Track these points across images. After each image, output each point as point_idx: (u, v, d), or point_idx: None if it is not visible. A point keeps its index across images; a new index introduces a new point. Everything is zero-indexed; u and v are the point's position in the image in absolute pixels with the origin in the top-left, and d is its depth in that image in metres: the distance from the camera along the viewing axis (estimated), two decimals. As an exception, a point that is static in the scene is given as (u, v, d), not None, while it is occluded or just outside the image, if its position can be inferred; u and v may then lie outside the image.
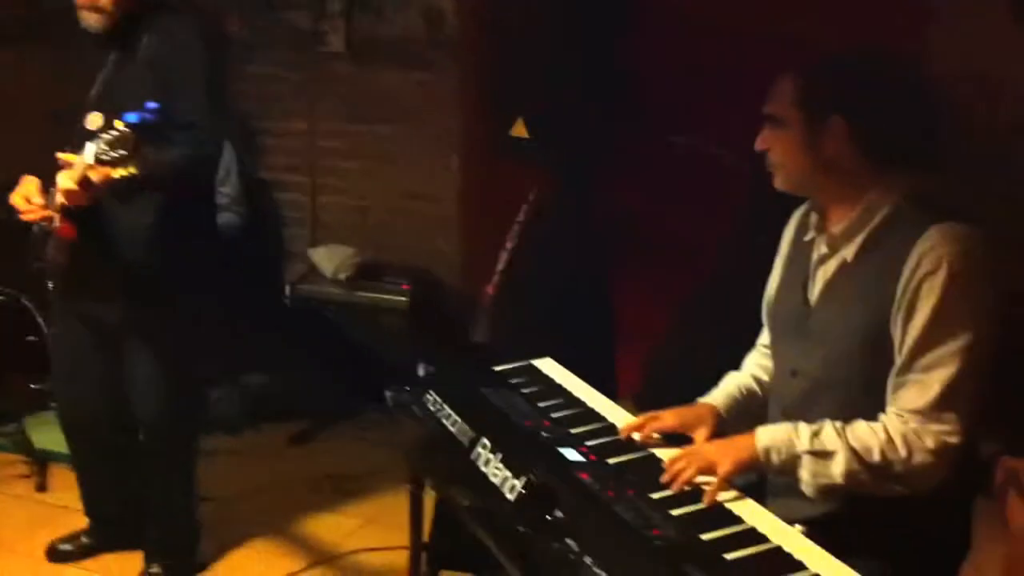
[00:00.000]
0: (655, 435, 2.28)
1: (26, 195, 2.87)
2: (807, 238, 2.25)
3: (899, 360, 2.04)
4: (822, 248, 2.19)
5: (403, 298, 4.68)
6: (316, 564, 3.50)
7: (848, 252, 2.12)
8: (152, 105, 2.48)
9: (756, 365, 2.48)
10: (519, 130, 3.55)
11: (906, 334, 2.02)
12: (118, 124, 2.48)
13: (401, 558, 2.83)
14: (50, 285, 3.15)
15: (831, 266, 2.16)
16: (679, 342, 3.81)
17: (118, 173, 2.49)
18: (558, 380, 2.64)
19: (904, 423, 2.01)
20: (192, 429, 3.40)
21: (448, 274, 4.99)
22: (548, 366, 2.74)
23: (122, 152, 2.47)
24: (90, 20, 2.91)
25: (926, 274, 1.99)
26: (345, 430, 4.53)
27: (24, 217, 2.90)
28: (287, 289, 5.02)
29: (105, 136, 2.50)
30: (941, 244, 1.99)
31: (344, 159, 5.21)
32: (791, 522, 1.94)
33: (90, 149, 2.54)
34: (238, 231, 4.88)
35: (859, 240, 2.11)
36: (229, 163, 4.89)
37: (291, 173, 5.32)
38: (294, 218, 5.34)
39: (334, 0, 5.06)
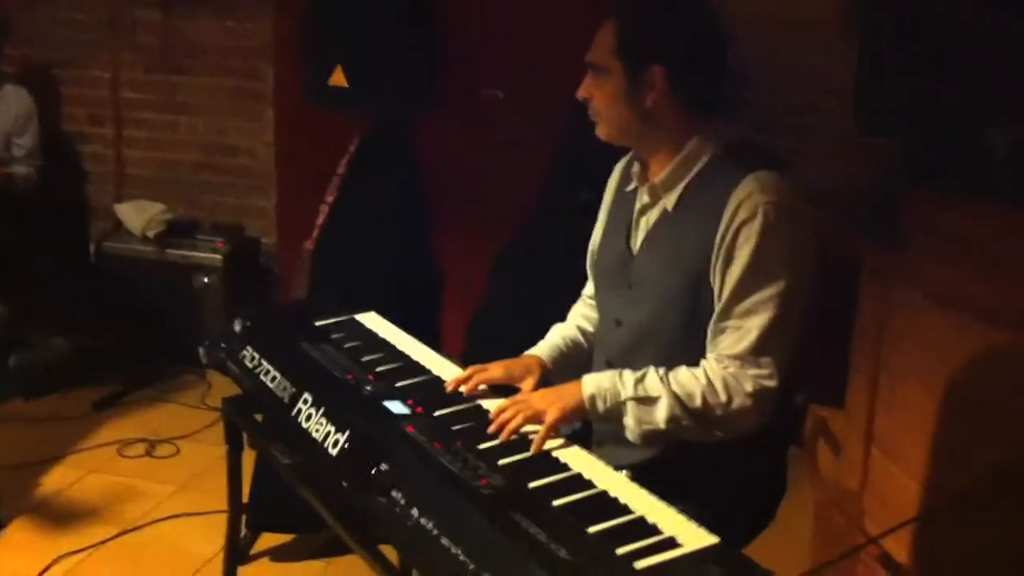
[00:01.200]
0: (482, 387, 2.25)
1: None
2: (629, 188, 2.26)
3: (718, 307, 2.07)
4: (644, 198, 2.20)
5: (217, 255, 4.53)
6: (126, 532, 3.35)
7: (668, 201, 2.14)
8: None
9: (581, 316, 2.49)
10: (337, 79, 3.43)
11: (724, 281, 2.05)
12: None
13: (220, 521, 2.72)
14: None
15: (652, 216, 2.18)
16: (499, 299, 3.81)
17: None
18: (381, 334, 2.58)
19: (724, 368, 2.05)
20: None
21: (264, 230, 4.85)
22: (371, 320, 2.68)
23: None
24: None
25: (742, 222, 2.02)
26: (156, 394, 4.35)
27: None
28: (92, 247, 4.79)
29: None
30: (757, 193, 2.03)
31: (152, 111, 5.00)
32: (617, 468, 1.95)
33: None
34: (34, 184, 4.62)
35: (679, 189, 2.13)
36: (26, 112, 4.61)
37: (94, 124, 5.06)
38: (98, 172, 5.08)
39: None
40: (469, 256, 3.88)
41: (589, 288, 2.48)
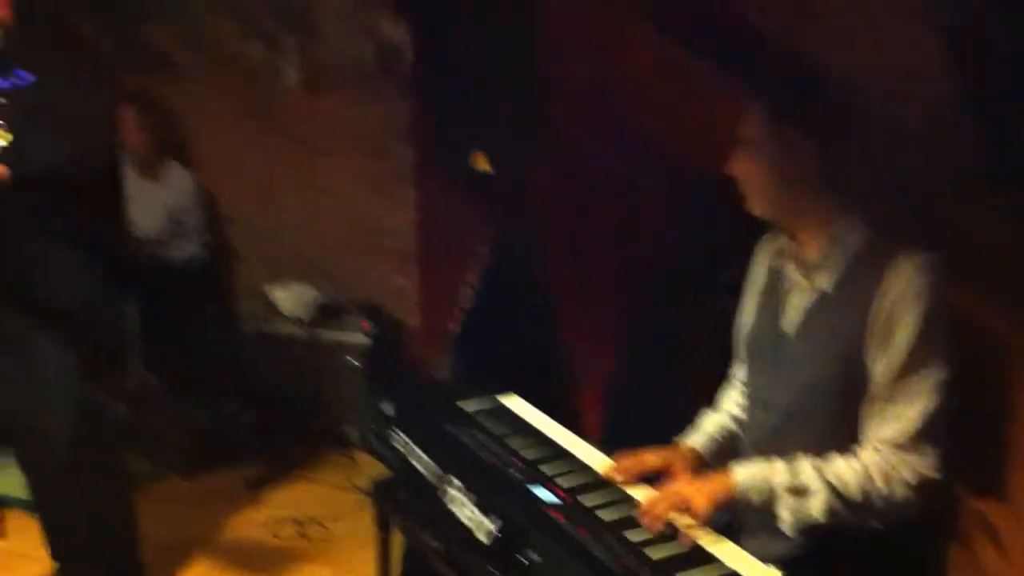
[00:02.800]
0: (633, 475, 2.23)
1: None
2: (777, 266, 2.23)
3: (875, 391, 2.01)
4: (794, 276, 2.16)
5: (362, 336, 4.62)
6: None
7: (821, 281, 2.10)
8: (24, 74, 2.41)
9: (733, 402, 2.44)
10: (479, 163, 3.50)
11: (882, 365, 1.99)
12: None
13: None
14: None
15: (806, 296, 2.14)
16: (633, 377, 3.77)
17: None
18: (526, 417, 2.59)
19: (882, 457, 1.99)
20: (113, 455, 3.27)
21: (407, 311, 4.93)
22: (515, 403, 2.69)
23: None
24: None
25: (901, 305, 1.97)
26: (305, 473, 4.42)
27: None
28: (244, 327, 4.95)
29: None
30: (915, 274, 1.97)
31: (301, 193, 5.16)
32: (766, 560, 1.90)
33: None
34: (200, 262, 4.83)
35: (831, 269, 2.09)
36: (193, 189, 4.86)
37: (246, 207, 5.25)
38: (250, 254, 5.27)
39: (288, 33, 5.02)
40: (603, 334, 3.86)
41: (737, 369, 2.43)
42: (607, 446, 2.37)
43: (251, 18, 5.06)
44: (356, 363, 4.59)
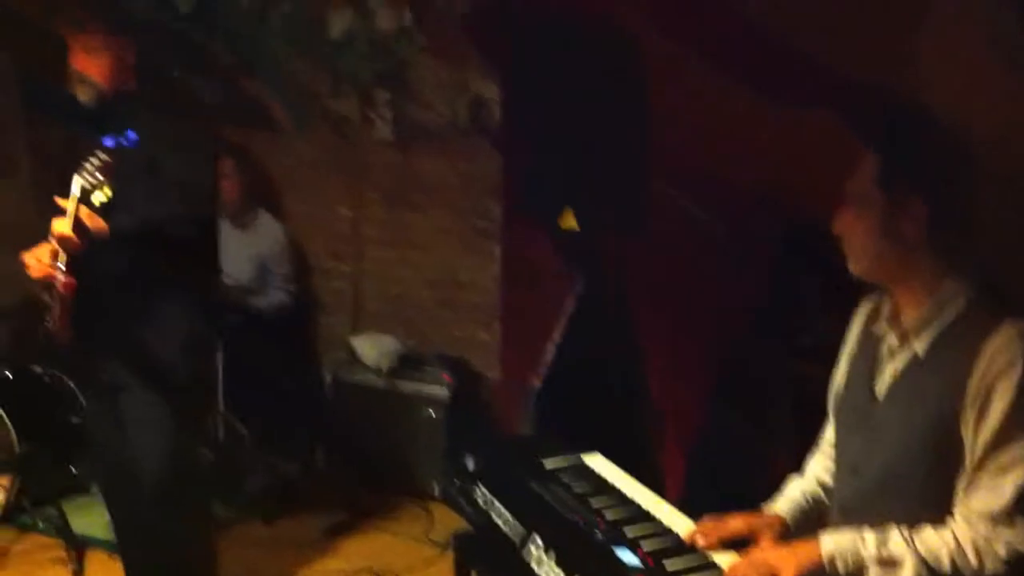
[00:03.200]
0: (717, 540, 2.21)
1: (37, 254, 2.89)
2: (873, 328, 2.19)
3: (969, 462, 1.96)
4: (890, 339, 2.12)
5: (443, 389, 4.64)
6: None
7: (919, 346, 2.05)
8: (132, 135, 2.49)
9: (822, 468, 2.39)
10: (567, 221, 3.53)
11: (978, 435, 1.95)
12: (99, 152, 2.50)
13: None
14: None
15: (900, 360, 2.10)
16: (718, 438, 3.74)
17: (98, 199, 2.50)
18: (609, 477, 2.58)
19: (975, 529, 1.94)
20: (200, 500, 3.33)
21: (488, 365, 4.96)
22: (598, 462, 2.68)
23: (102, 177, 2.48)
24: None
25: (1000, 373, 1.92)
26: (382, 523, 4.44)
27: (30, 272, 2.91)
28: (327, 376, 5.01)
29: (87, 165, 2.52)
30: (1016, 342, 1.93)
31: (387, 246, 5.24)
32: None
33: (76, 182, 2.56)
34: (288, 310, 4.92)
35: (931, 335, 2.04)
36: (282, 239, 4.96)
37: (335, 259, 5.35)
38: (336, 304, 5.35)
39: (381, 89, 5.14)
40: (689, 394, 3.84)
41: (829, 434, 2.39)
42: (691, 509, 2.35)
43: (346, 74, 5.19)
44: (436, 415, 4.61)
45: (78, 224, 2.62)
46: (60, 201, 2.67)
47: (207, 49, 5.33)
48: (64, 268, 2.77)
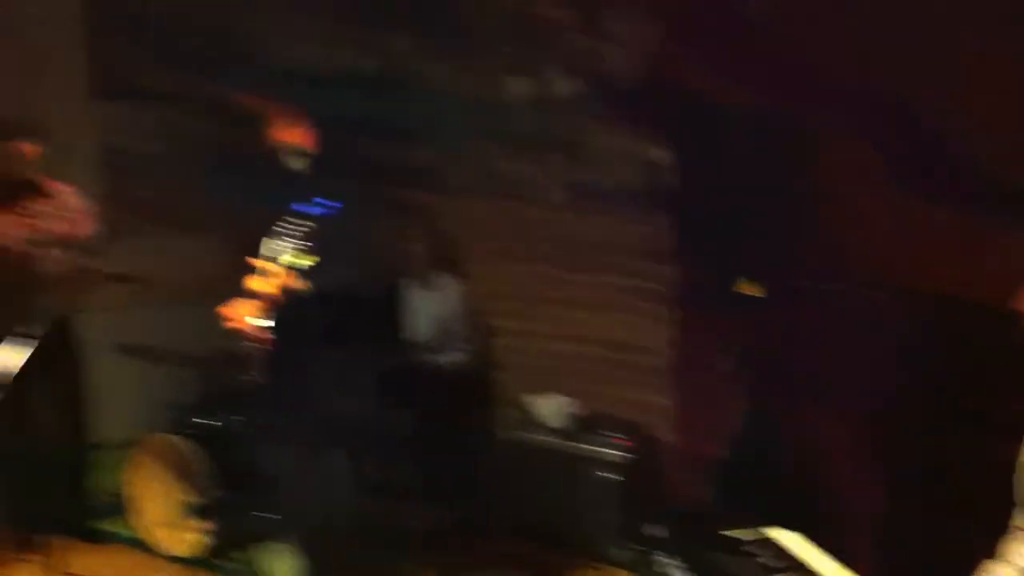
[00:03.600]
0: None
1: (236, 310, 3.07)
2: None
3: None
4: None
5: (617, 452, 4.64)
6: None
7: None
8: (334, 204, 2.60)
9: (1019, 555, 2.31)
10: (746, 288, 3.53)
11: None
12: (303, 219, 2.60)
13: None
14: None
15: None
16: (909, 520, 3.62)
17: (302, 262, 2.61)
18: (795, 551, 2.55)
19: None
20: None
21: (662, 429, 4.93)
22: (782, 536, 2.66)
23: (307, 243, 2.59)
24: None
25: None
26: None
27: (229, 326, 3.09)
28: (499, 434, 5.08)
29: (291, 229, 2.64)
30: None
31: (559, 307, 5.30)
32: None
33: (280, 245, 2.68)
34: (464, 370, 5.02)
35: None
36: (462, 301, 5.08)
37: (507, 318, 5.44)
38: (509, 363, 5.44)
39: (553, 152, 5.24)
40: (874, 471, 3.75)
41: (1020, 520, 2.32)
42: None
43: (520, 137, 5.32)
44: (608, 477, 4.62)
45: (281, 284, 2.77)
46: (257, 261, 2.82)
47: (384, 114, 5.56)
48: (260, 324, 2.94)
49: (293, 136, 3.21)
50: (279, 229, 2.72)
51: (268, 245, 2.75)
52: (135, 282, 4.58)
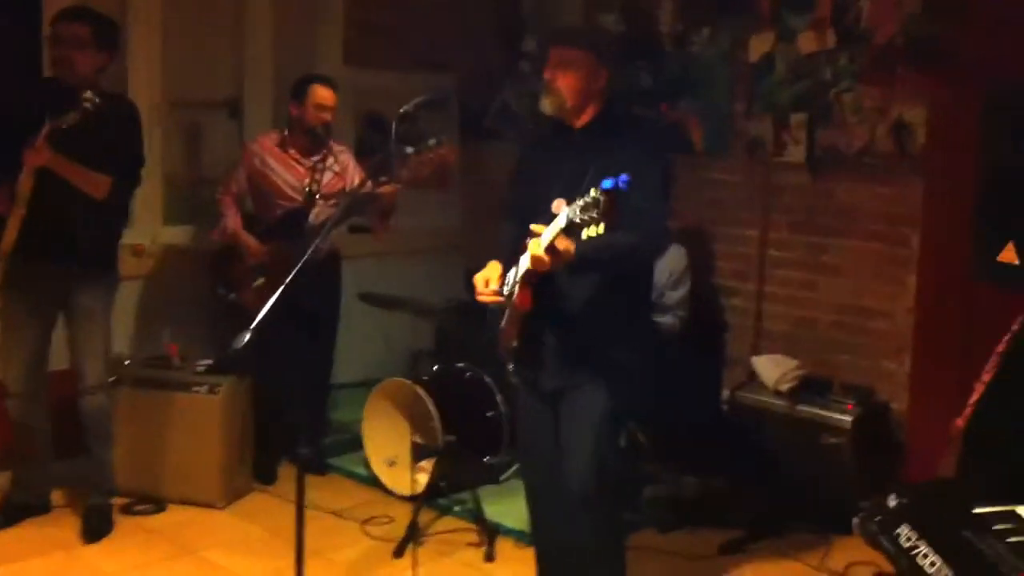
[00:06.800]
0: None
1: (487, 278, 3.12)
2: None
3: None
4: None
5: (847, 417, 4.54)
6: None
7: None
8: (625, 177, 2.58)
9: None
10: (1008, 255, 3.34)
11: None
12: (594, 191, 2.60)
13: None
14: (509, 367, 3.35)
15: None
16: None
17: (588, 233, 2.61)
18: (1051, 533, 2.43)
19: None
20: (617, 502, 3.43)
21: (895, 396, 4.79)
22: (1040, 515, 2.53)
23: (593, 214, 2.59)
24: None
25: None
26: (775, 546, 4.39)
27: (479, 297, 3.15)
28: (726, 395, 5.04)
29: (580, 202, 2.64)
30: None
31: (793, 269, 5.21)
32: None
33: (565, 213, 2.69)
34: (675, 335, 4.98)
35: None
36: (681, 268, 5.03)
37: (739, 279, 5.39)
38: (738, 325, 5.38)
39: (797, 112, 5.10)
40: None
41: None
42: None
43: (763, 96, 5.20)
44: (838, 442, 4.51)
45: (552, 249, 2.79)
46: (537, 228, 2.85)
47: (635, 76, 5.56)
48: (521, 286, 3.01)
49: (569, 81, 3.20)
50: (576, 199, 2.69)
51: (562, 212, 2.73)
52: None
